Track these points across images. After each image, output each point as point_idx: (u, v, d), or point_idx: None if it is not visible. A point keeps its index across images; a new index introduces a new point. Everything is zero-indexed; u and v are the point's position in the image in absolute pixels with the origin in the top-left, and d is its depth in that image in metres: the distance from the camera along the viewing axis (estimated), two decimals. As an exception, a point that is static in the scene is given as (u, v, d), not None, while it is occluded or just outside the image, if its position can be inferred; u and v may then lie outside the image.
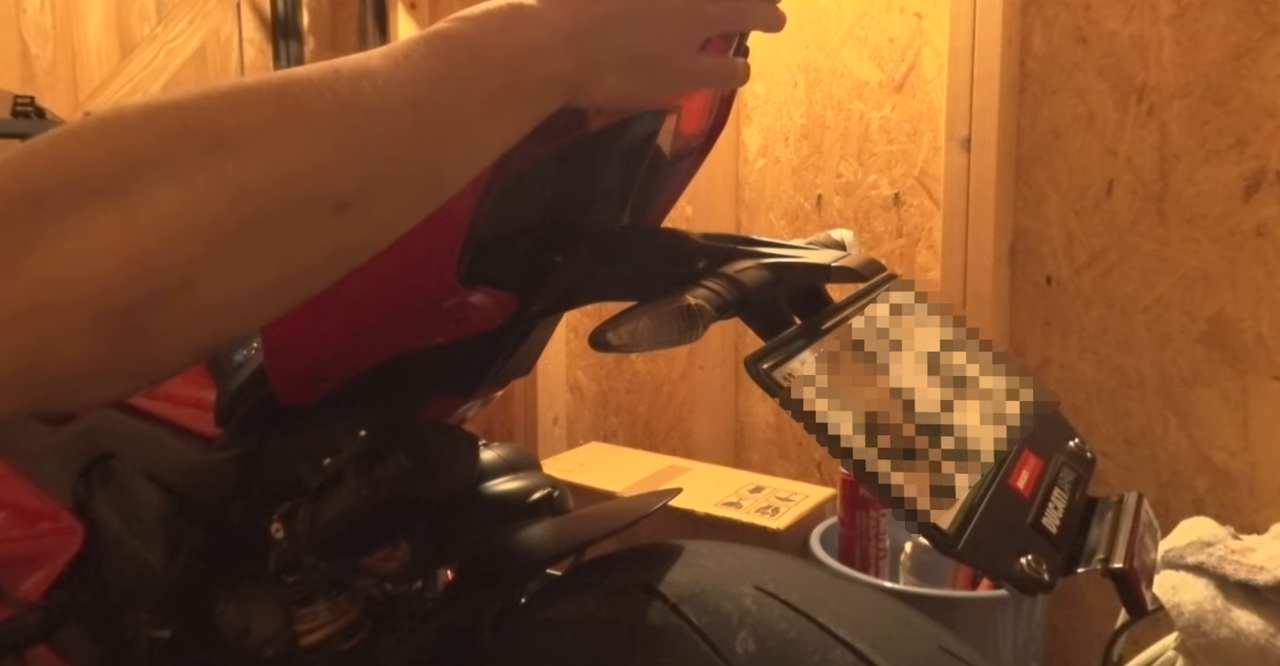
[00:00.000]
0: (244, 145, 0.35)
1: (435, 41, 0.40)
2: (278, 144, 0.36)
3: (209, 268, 0.35)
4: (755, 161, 1.73)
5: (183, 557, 0.70)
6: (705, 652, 0.47)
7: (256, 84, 0.37)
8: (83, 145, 0.34)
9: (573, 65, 0.43)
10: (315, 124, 0.37)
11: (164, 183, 0.34)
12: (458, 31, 0.41)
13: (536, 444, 2.04)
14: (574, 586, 0.58)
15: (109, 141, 0.34)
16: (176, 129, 0.35)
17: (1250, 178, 1.25)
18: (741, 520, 1.40)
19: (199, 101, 0.36)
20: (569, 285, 0.55)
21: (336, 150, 0.37)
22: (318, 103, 0.37)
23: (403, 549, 0.62)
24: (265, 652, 0.67)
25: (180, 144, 0.35)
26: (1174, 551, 1.10)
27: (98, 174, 0.34)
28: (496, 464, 0.70)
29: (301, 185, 0.36)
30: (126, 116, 0.35)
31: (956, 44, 1.41)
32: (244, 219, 0.35)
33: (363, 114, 0.37)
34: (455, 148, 0.41)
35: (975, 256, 1.43)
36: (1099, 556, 0.45)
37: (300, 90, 0.37)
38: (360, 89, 0.38)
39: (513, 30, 0.42)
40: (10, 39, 1.92)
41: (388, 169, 0.39)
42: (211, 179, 0.35)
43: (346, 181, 0.38)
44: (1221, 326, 1.29)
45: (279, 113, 0.36)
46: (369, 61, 0.39)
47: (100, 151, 0.34)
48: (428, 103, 0.39)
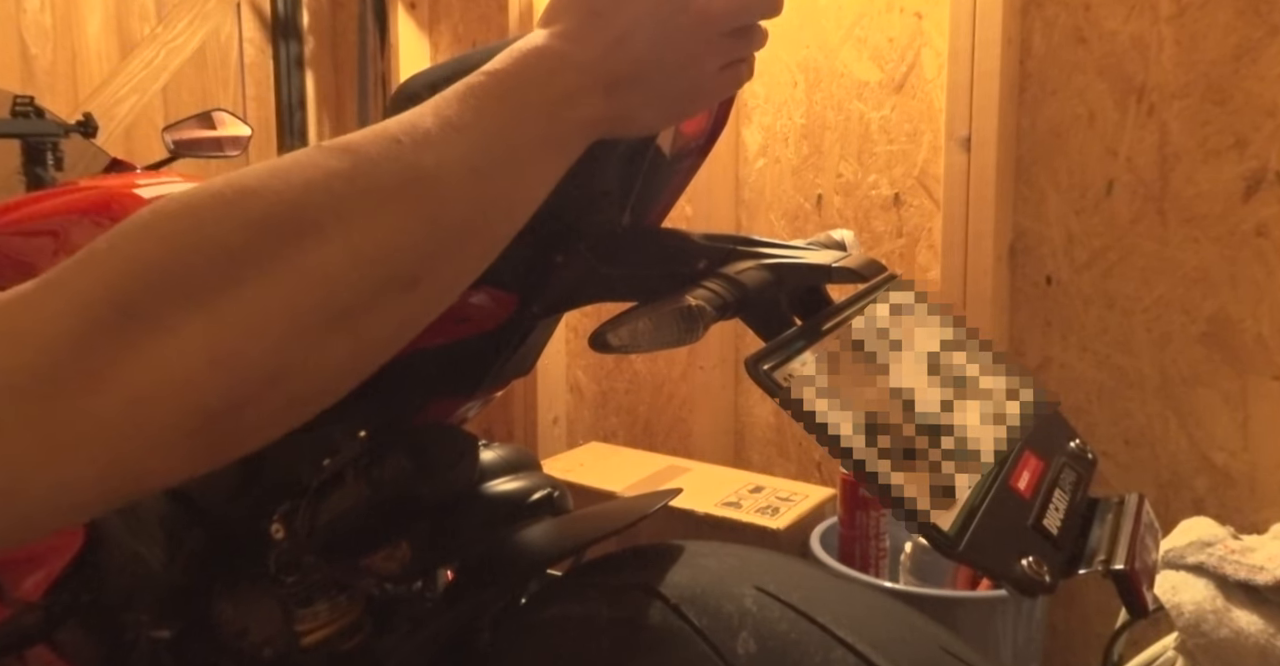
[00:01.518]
0: (324, 231, 0.35)
1: (479, 99, 0.40)
2: (355, 227, 0.35)
3: (294, 361, 0.34)
4: (755, 161, 1.73)
5: (183, 558, 0.69)
6: (705, 653, 0.47)
7: (325, 161, 0.36)
8: (165, 245, 0.33)
9: (608, 104, 0.44)
10: (388, 203, 0.36)
11: (250, 278, 0.33)
12: (497, 86, 0.41)
13: (536, 444, 2.04)
14: (574, 586, 0.58)
15: (191, 239, 0.33)
16: (258, 220, 0.34)
17: (1250, 178, 1.25)
18: (741, 520, 1.40)
19: (273, 186, 0.35)
20: (569, 285, 0.55)
21: (409, 227, 0.37)
22: (387, 180, 0.36)
23: (403, 549, 0.62)
24: (265, 653, 0.67)
25: (263, 236, 0.34)
26: (1174, 551, 1.10)
27: (184, 276, 0.33)
28: (496, 464, 0.70)
29: (380, 267, 0.36)
30: (204, 209, 0.34)
31: (956, 44, 1.41)
32: (327, 308, 0.35)
33: (429, 187, 0.37)
34: (509, 204, 0.41)
35: (975, 256, 1.43)
36: (1100, 557, 0.45)
37: (370, 167, 0.36)
38: (423, 161, 0.37)
39: (548, 79, 0.42)
40: (10, 39, 1.92)
41: (453, 238, 0.39)
42: (296, 269, 0.34)
43: (419, 257, 0.37)
44: (1221, 326, 1.29)
45: (353, 194, 0.36)
46: (425, 128, 0.38)
47: (184, 251, 0.33)
48: (484, 165, 0.39)
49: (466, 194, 0.39)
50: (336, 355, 0.36)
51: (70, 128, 1.34)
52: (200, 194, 0.35)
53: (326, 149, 0.37)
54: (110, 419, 0.31)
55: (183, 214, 0.34)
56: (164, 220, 0.34)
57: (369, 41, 2.33)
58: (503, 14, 2.08)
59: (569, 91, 0.42)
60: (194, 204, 0.34)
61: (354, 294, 0.35)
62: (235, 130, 1.39)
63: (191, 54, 2.21)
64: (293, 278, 0.34)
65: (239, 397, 0.33)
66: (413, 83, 0.61)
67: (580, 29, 0.44)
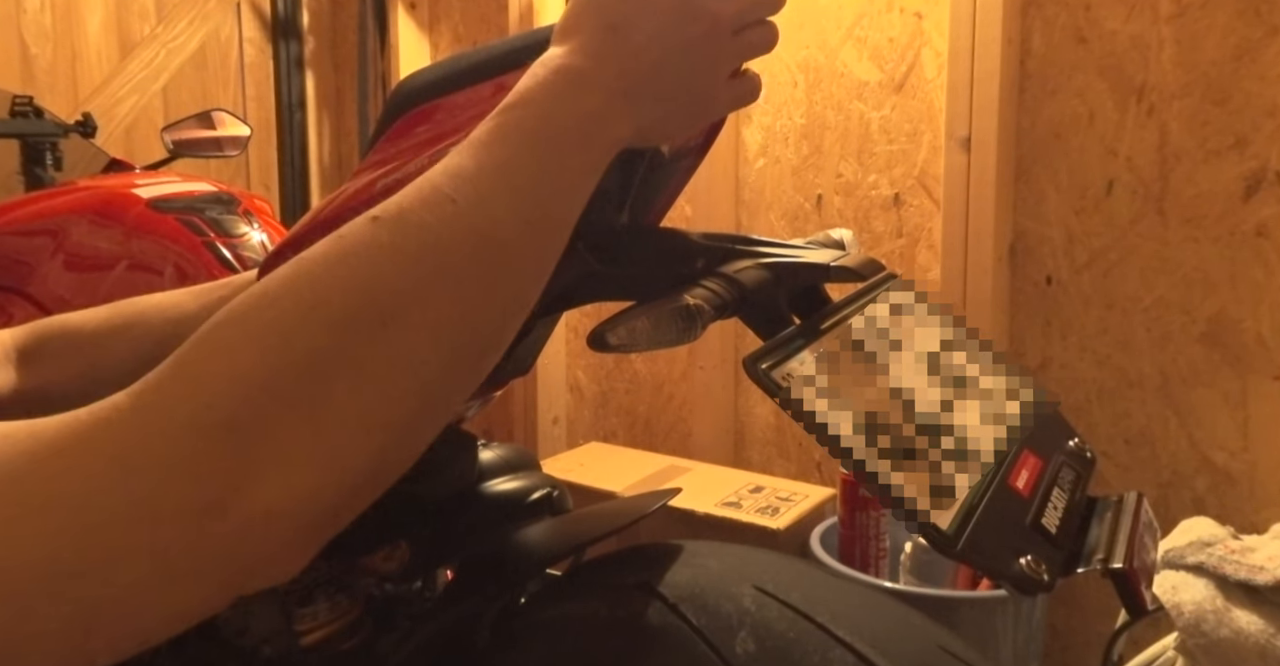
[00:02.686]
0: (406, 318, 0.34)
1: (512, 135, 0.40)
2: (429, 302, 0.35)
3: (393, 452, 0.34)
4: (755, 161, 1.73)
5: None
6: (704, 653, 0.47)
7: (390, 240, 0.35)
8: (256, 356, 0.32)
9: (632, 121, 0.44)
10: (459, 275, 0.36)
11: (344, 379, 0.33)
12: (532, 119, 0.41)
13: (536, 444, 2.04)
14: (574, 586, 0.58)
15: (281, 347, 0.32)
16: (340, 319, 0.33)
17: (1250, 178, 1.25)
18: (741, 520, 1.40)
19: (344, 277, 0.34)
20: (567, 285, 0.55)
21: (478, 293, 0.36)
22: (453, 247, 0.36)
23: (403, 549, 0.62)
24: (264, 652, 0.67)
25: (349, 335, 0.33)
26: (1174, 551, 1.10)
27: (282, 386, 0.32)
28: (496, 464, 0.70)
29: (460, 344, 0.36)
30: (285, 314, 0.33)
31: (956, 44, 1.41)
32: (418, 393, 0.34)
33: (491, 249, 0.37)
34: (553, 236, 0.41)
35: (975, 256, 1.43)
36: (1099, 556, 0.45)
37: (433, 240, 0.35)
38: (477, 222, 0.37)
39: (575, 103, 0.42)
40: (10, 39, 1.92)
41: (517, 293, 0.38)
42: (386, 364, 0.33)
43: (491, 322, 0.37)
44: (1221, 326, 1.29)
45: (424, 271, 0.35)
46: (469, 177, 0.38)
47: (275, 358, 0.32)
48: (537, 216, 0.39)
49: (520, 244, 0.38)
50: (426, 432, 0.36)
51: (70, 128, 1.34)
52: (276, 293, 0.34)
53: (385, 223, 0.35)
54: (229, 541, 0.31)
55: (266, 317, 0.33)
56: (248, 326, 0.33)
57: (369, 41, 2.33)
58: (503, 14, 2.08)
59: (597, 112, 0.42)
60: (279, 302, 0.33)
61: (438, 372, 0.35)
62: (235, 130, 1.39)
63: (191, 54, 2.21)
64: (384, 372, 0.33)
65: (349, 495, 0.33)
66: (411, 82, 0.61)
67: (598, 45, 0.43)
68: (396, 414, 0.34)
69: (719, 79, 0.47)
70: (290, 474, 0.31)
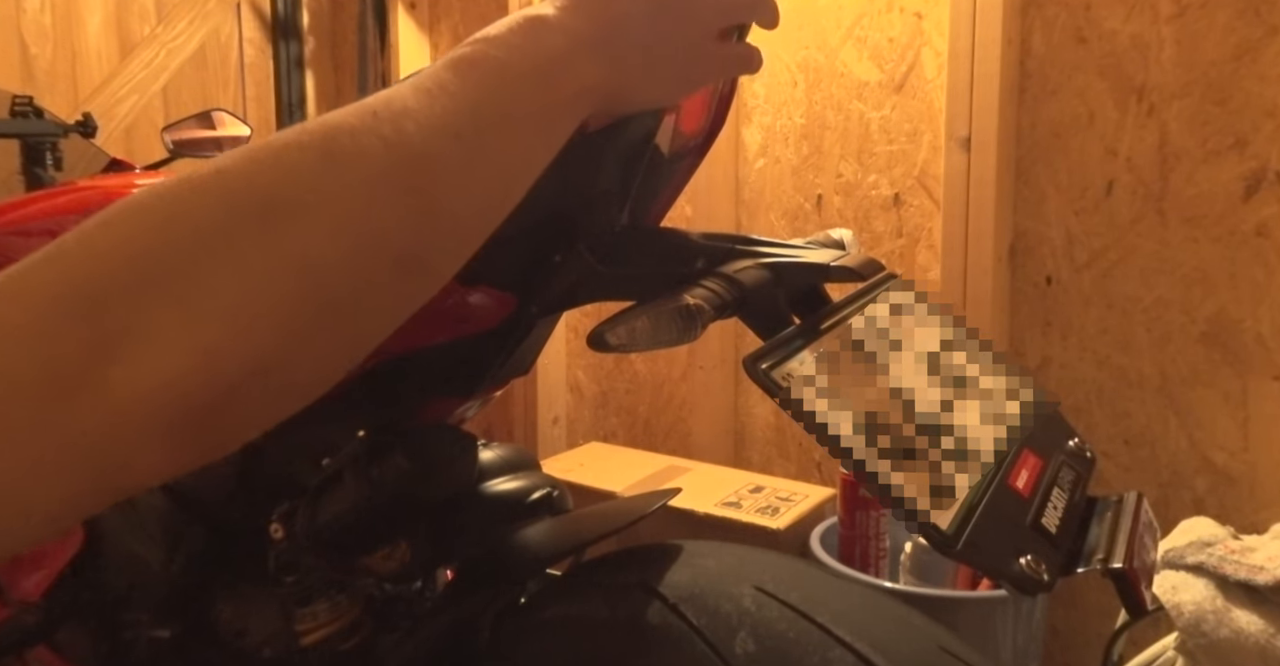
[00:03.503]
0: (304, 213, 0.32)
1: (463, 68, 0.38)
2: (334, 204, 0.33)
3: (277, 350, 0.32)
4: (755, 161, 1.73)
5: (182, 558, 0.70)
6: (704, 652, 0.47)
7: (299, 138, 0.34)
8: (134, 236, 0.31)
9: (602, 71, 0.42)
10: (368, 175, 0.34)
11: (227, 266, 0.31)
12: (483, 54, 0.39)
13: (536, 444, 2.04)
14: (574, 586, 0.58)
15: (162, 228, 0.31)
16: (231, 204, 0.32)
17: (1250, 178, 1.25)
18: (741, 520, 1.40)
19: (244, 167, 0.33)
20: (568, 285, 0.55)
21: (393, 201, 0.34)
22: (366, 151, 0.34)
23: (402, 549, 0.62)
24: (265, 652, 0.67)
25: (238, 220, 0.32)
26: (1174, 551, 1.10)
27: (154, 264, 0.30)
28: (496, 464, 0.70)
29: (360, 250, 0.34)
30: (175, 197, 0.32)
31: (956, 44, 1.41)
32: (305, 293, 0.33)
33: (412, 156, 0.35)
34: (500, 176, 0.39)
35: (975, 256, 1.43)
36: (1098, 556, 0.45)
37: (348, 140, 0.34)
38: (404, 129, 0.35)
39: (537, 45, 0.40)
40: (10, 39, 1.92)
41: (442, 212, 0.36)
42: (276, 255, 0.32)
43: (406, 234, 0.35)
44: (1221, 326, 1.29)
45: (329, 167, 0.33)
46: (404, 99, 0.36)
47: (153, 238, 0.31)
48: (470, 133, 0.37)
49: (452, 163, 0.36)
50: (325, 345, 0.34)
51: (70, 128, 1.34)
52: (172, 181, 0.33)
53: (302, 128, 0.34)
54: (88, 424, 0.29)
55: (153, 202, 0.32)
56: (134, 210, 0.32)
57: (369, 41, 2.33)
58: (502, 14, 2.08)
59: (560, 55, 0.40)
60: (165, 192, 0.32)
61: (341, 279, 0.33)
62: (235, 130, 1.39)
63: (191, 54, 2.21)
64: (273, 264, 0.32)
65: (225, 393, 0.31)
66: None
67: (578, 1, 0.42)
68: (281, 311, 0.32)
69: (703, 37, 0.46)
70: (156, 357, 0.30)
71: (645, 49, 0.44)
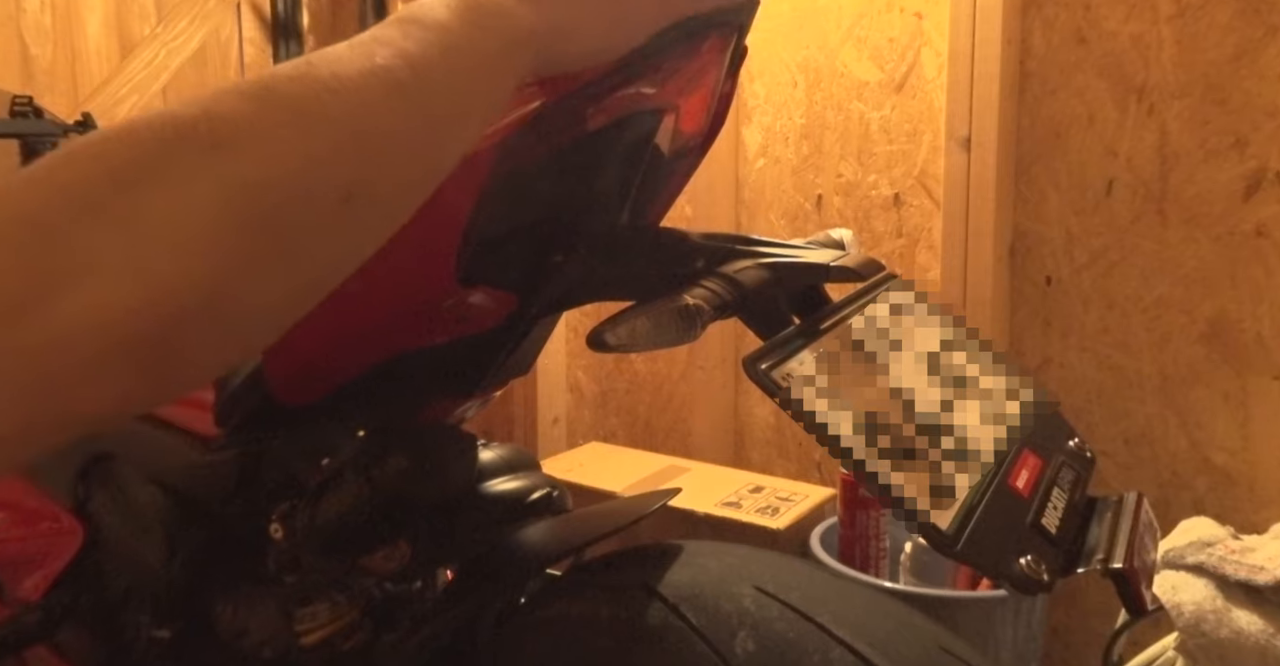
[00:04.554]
0: (237, 144, 0.34)
1: (400, 22, 0.40)
2: (270, 138, 0.35)
3: (225, 280, 0.33)
4: (755, 161, 1.73)
5: (182, 558, 0.70)
6: (704, 653, 0.47)
7: (237, 84, 0.36)
8: (77, 165, 0.32)
9: (536, 15, 0.42)
10: (304, 114, 0.36)
11: (160, 191, 0.32)
12: (416, 6, 0.41)
13: (536, 444, 2.04)
14: (574, 586, 0.58)
15: (102, 158, 0.33)
16: (166, 135, 0.33)
17: (1250, 178, 1.25)
18: (741, 520, 1.40)
19: (186, 107, 0.35)
20: (568, 285, 0.55)
21: (330, 137, 0.36)
22: (303, 93, 0.36)
23: (402, 549, 0.62)
24: (264, 653, 0.67)
25: (170, 149, 0.33)
26: (1174, 551, 1.10)
27: (94, 192, 0.32)
28: (496, 464, 0.70)
29: (302, 178, 0.35)
30: (115, 132, 0.34)
31: (956, 44, 1.41)
32: (250, 221, 0.34)
33: (348, 98, 0.37)
34: (443, 120, 0.40)
35: (975, 256, 1.43)
36: (1098, 556, 0.45)
37: (284, 84, 0.36)
38: (342, 73, 0.37)
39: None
40: (10, 39, 1.92)
41: (383, 150, 0.38)
42: (208, 181, 0.33)
43: (346, 169, 0.37)
44: (1221, 326, 1.29)
45: (266, 107, 0.35)
46: (340, 50, 0.38)
47: (94, 168, 0.32)
48: (409, 80, 0.38)
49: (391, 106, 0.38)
50: (274, 275, 0.35)
51: (69, 128, 1.34)
52: (122, 121, 0.34)
53: (241, 81, 0.36)
54: (37, 345, 0.30)
55: (99, 138, 0.33)
56: (84, 144, 0.33)
57: (369, 42, 2.32)
58: (503, 14, 2.08)
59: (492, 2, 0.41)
60: (111, 129, 0.34)
61: (278, 207, 0.34)
62: (235, 130, 1.38)
63: (191, 54, 2.21)
64: (205, 189, 0.33)
65: (169, 318, 0.32)
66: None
67: None
68: (225, 236, 0.33)
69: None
70: (99, 284, 0.30)
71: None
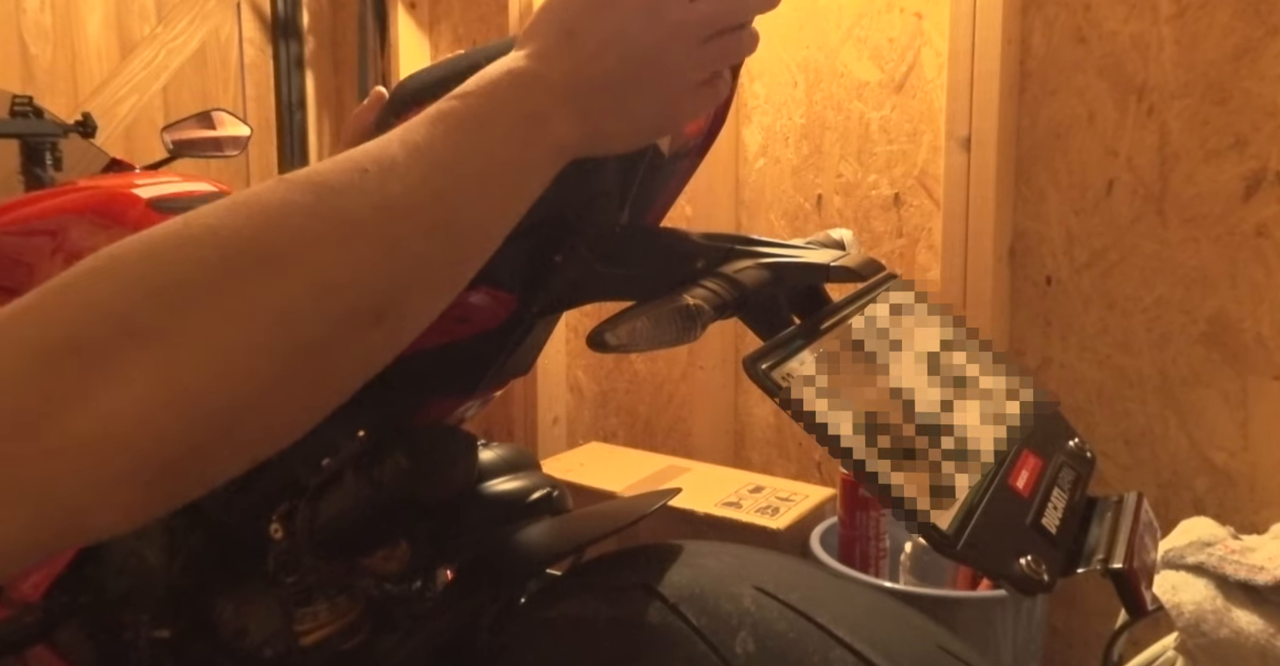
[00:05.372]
0: (284, 265, 0.33)
1: (449, 123, 0.39)
2: (317, 259, 0.34)
3: (253, 402, 0.33)
4: (755, 161, 1.73)
5: (182, 558, 0.70)
6: (704, 653, 0.47)
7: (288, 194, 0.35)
8: (119, 286, 0.31)
9: (580, 126, 0.43)
10: (352, 233, 0.35)
11: (205, 316, 0.32)
12: (466, 110, 0.40)
13: (536, 444, 2.04)
14: (574, 586, 0.58)
15: (146, 281, 0.32)
16: (214, 258, 0.33)
17: (1250, 178, 1.25)
18: (741, 520, 1.40)
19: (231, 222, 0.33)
20: (568, 285, 0.55)
21: (374, 258, 0.35)
22: (353, 210, 0.35)
23: (402, 549, 0.62)
24: (265, 653, 0.67)
25: (220, 270, 0.32)
26: (1174, 551, 1.10)
27: (138, 316, 0.31)
28: (496, 464, 0.70)
29: (343, 300, 0.35)
30: (160, 247, 0.33)
31: (956, 44, 1.41)
32: (287, 345, 0.33)
33: (396, 216, 0.36)
34: (478, 231, 0.40)
35: (975, 256, 1.43)
36: (1099, 556, 0.45)
37: (334, 197, 0.35)
38: (390, 189, 0.36)
39: (517, 100, 0.41)
40: (10, 39, 1.92)
41: (421, 268, 0.37)
42: (253, 305, 0.32)
43: (385, 288, 0.36)
44: (1221, 326, 1.29)
45: (315, 226, 0.34)
46: (391, 154, 0.37)
47: (138, 292, 0.31)
48: (452, 192, 0.38)
49: (433, 221, 0.37)
50: (298, 393, 0.35)
51: (69, 128, 1.34)
52: (158, 231, 0.33)
53: (290, 181, 0.35)
54: (59, 463, 0.29)
55: (138, 252, 0.33)
56: (119, 260, 0.32)
57: (369, 41, 2.33)
58: (503, 14, 2.08)
59: (539, 112, 0.41)
60: (151, 241, 0.33)
61: (316, 329, 0.34)
62: (235, 130, 1.39)
63: (191, 54, 2.21)
64: (251, 313, 0.32)
65: (196, 441, 0.32)
66: (410, 83, 0.61)
67: (553, 48, 0.43)
68: (261, 362, 0.33)
69: (685, 88, 0.46)
70: (129, 396, 0.30)
71: (623, 103, 0.44)
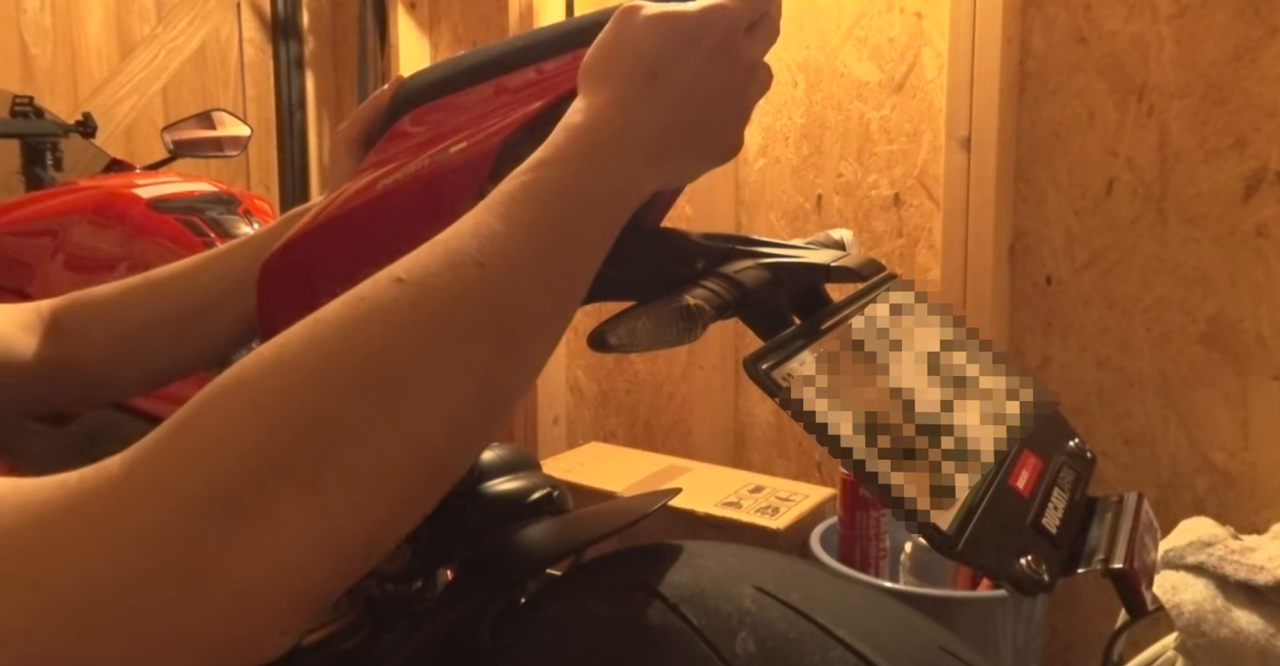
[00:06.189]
0: (420, 388, 0.32)
1: (543, 195, 0.38)
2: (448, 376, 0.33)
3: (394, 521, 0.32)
4: (755, 161, 1.73)
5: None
6: (704, 653, 0.47)
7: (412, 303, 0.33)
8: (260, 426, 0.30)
9: (661, 172, 0.43)
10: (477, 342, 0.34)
11: (352, 452, 0.31)
12: (564, 177, 0.39)
13: (536, 444, 2.04)
14: (574, 586, 0.58)
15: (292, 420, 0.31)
16: (352, 386, 0.31)
17: (1250, 178, 1.25)
18: (741, 520, 1.40)
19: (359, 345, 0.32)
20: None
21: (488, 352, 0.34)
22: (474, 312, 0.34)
23: (403, 549, 0.62)
24: (265, 653, 0.67)
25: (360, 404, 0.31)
26: (1174, 551, 1.10)
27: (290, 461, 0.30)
28: (496, 464, 0.70)
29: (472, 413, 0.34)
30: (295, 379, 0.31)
31: (956, 44, 1.41)
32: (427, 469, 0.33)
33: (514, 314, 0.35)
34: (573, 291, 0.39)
35: (975, 256, 1.43)
36: (1099, 556, 0.45)
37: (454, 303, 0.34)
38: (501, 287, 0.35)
39: (611, 163, 0.40)
40: (10, 39, 1.92)
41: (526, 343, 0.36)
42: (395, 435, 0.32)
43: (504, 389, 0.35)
44: (1221, 326, 1.29)
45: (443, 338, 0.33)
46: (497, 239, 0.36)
47: (286, 435, 0.30)
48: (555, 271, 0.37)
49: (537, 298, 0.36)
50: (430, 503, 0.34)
51: (70, 128, 1.34)
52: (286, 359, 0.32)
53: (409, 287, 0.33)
54: (214, 617, 0.29)
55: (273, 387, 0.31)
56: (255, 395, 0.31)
57: (369, 41, 2.33)
58: (503, 14, 2.08)
59: (633, 173, 0.41)
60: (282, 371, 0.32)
61: (450, 443, 0.33)
62: (235, 130, 1.39)
63: (191, 54, 2.21)
64: (392, 444, 0.31)
65: (345, 573, 0.31)
66: (411, 83, 0.61)
67: (636, 95, 0.41)
68: (400, 487, 0.32)
69: (747, 120, 0.46)
70: (285, 550, 0.30)
71: (698, 142, 0.44)
